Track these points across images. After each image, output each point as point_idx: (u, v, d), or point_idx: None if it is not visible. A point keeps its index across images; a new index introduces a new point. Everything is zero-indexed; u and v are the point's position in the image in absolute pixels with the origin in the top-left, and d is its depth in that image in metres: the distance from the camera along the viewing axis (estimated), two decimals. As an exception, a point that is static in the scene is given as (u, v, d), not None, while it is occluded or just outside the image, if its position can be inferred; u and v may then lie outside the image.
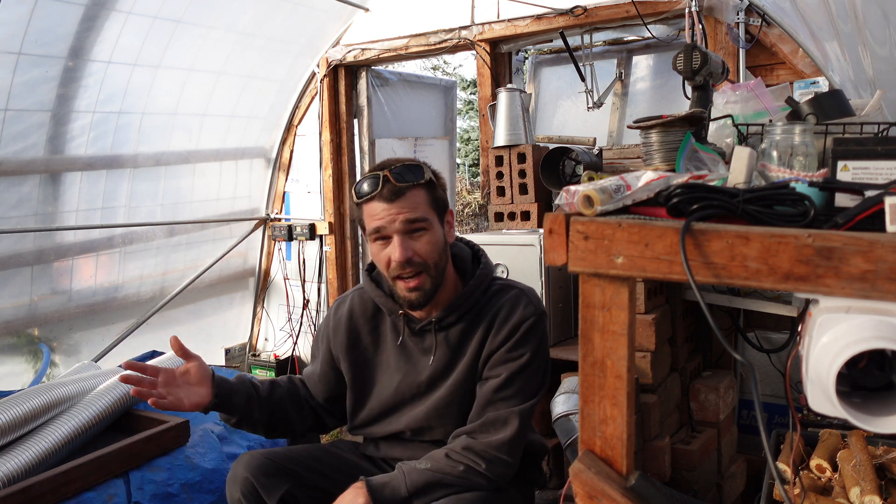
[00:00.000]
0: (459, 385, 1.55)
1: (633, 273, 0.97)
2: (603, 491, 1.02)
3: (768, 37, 2.62)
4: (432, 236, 1.49)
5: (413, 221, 1.46)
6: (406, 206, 1.46)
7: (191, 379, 1.52)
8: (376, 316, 1.65)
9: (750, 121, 1.83)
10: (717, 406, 2.24)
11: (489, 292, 1.58)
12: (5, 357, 2.97)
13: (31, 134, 2.85)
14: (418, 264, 1.47)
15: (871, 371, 0.90)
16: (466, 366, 1.54)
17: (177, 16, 3.06)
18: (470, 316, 1.56)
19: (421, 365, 1.59)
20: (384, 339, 1.64)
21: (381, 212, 1.46)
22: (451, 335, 1.56)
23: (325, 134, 3.91)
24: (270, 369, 4.03)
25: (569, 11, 3.01)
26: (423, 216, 1.48)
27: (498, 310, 1.54)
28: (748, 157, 1.13)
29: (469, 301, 1.55)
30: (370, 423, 1.66)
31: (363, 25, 3.70)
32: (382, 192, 1.46)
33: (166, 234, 3.60)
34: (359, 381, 1.66)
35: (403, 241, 1.46)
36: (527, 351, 1.50)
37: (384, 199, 1.46)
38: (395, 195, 1.45)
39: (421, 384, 1.58)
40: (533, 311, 1.53)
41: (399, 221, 1.45)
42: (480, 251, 1.67)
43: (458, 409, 1.55)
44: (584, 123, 3.38)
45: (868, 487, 1.41)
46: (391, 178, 1.46)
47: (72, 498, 1.83)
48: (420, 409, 1.58)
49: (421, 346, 1.59)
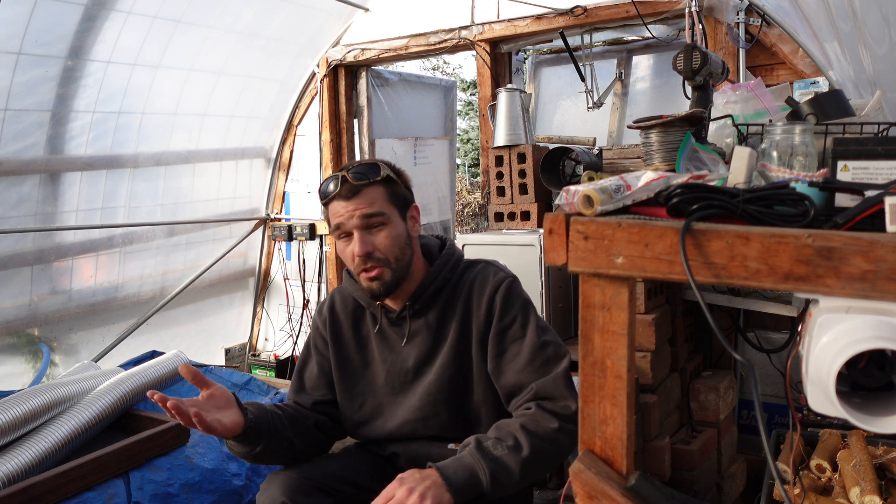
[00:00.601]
0: (448, 367, 1.56)
1: (633, 273, 0.97)
2: (603, 491, 1.02)
3: (768, 37, 2.62)
4: (391, 230, 1.54)
5: (370, 216, 1.51)
6: (363, 202, 1.52)
7: (218, 402, 1.46)
8: (357, 312, 1.68)
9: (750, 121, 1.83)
10: (717, 406, 2.24)
11: (457, 271, 1.63)
12: (5, 357, 2.97)
13: (31, 134, 2.85)
14: (378, 259, 1.52)
15: (871, 371, 0.90)
16: (452, 347, 1.56)
17: (177, 16, 3.06)
18: (444, 296, 1.60)
19: (405, 353, 1.61)
20: (367, 333, 1.67)
21: (341, 209, 1.53)
22: (429, 319, 1.60)
23: (325, 134, 3.91)
24: (270, 369, 4.03)
25: (569, 11, 3.01)
26: (380, 211, 1.53)
27: (471, 285, 1.59)
28: (748, 157, 1.13)
29: (437, 281, 1.59)
30: (368, 422, 1.65)
31: (363, 25, 3.70)
32: (341, 191, 1.52)
33: (166, 234, 3.60)
34: (346, 377, 1.66)
35: (363, 236, 1.51)
36: (516, 313, 1.54)
37: (343, 198, 1.52)
38: (353, 193, 1.52)
39: (408, 371, 1.60)
40: (503, 277, 1.58)
41: (356, 217, 1.51)
42: (447, 240, 1.72)
43: (449, 392, 1.57)
44: (584, 123, 3.38)
45: (868, 487, 1.41)
46: (349, 177, 1.52)
47: (72, 498, 1.83)
48: (413, 398, 1.59)
49: (400, 333, 1.62)
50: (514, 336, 1.52)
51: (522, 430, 1.40)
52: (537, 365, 1.48)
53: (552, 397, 1.45)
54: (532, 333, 1.51)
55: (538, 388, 1.46)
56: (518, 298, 1.56)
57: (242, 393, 2.75)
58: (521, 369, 1.49)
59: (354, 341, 1.67)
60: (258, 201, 4.12)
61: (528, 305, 1.57)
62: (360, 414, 1.66)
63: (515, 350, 1.52)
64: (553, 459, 1.45)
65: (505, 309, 1.54)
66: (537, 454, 1.39)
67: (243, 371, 3.96)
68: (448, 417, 1.57)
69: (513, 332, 1.53)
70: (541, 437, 1.40)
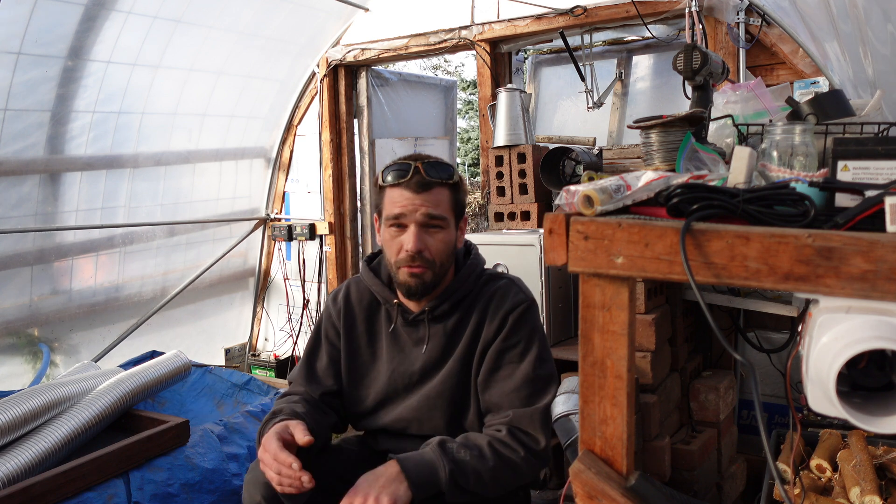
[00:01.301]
0: (452, 376, 1.56)
1: (633, 273, 0.97)
2: (603, 491, 1.02)
3: (768, 37, 2.62)
4: (447, 236, 1.52)
5: (433, 217, 1.49)
6: (430, 200, 1.49)
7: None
8: (372, 305, 1.67)
9: (750, 121, 1.83)
10: (717, 406, 2.24)
11: (480, 281, 1.61)
12: (5, 357, 2.97)
13: (31, 134, 2.85)
14: (426, 260, 1.50)
15: (871, 371, 0.90)
16: (460, 357, 1.56)
17: (177, 16, 3.06)
18: (464, 306, 1.58)
19: (414, 355, 1.60)
20: (379, 328, 1.66)
21: (405, 200, 1.48)
22: (446, 326, 1.58)
23: (325, 134, 3.91)
24: (270, 369, 4.03)
25: (569, 11, 3.01)
26: (444, 215, 1.51)
27: (490, 299, 1.57)
28: (748, 157, 1.13)
29: (461, 290, 1.58)
30: (367, 415, 1.66)
31: (363, 25, 3.70)
32: (411, 181, 1.48)
33: (166, 234, 3.60)
34: (354, 370, 1.66)
35: (419, 233, 1.49)
36: (522, 338, 1.52)
37: (410, 189, 1.49)
38: (422, 187, 1.48)
39: (414, 374, 1.59)
40: (523, 299, 1.56)
41: (420, 213, 1.48)
42: (472, 245, 1.70)
43: (449, 400, 1.56)
44: (584, 123, 3.38)
45: (868, 487, 1.41)
46: (422, 169, 1.49)
47: (72, 498, 1.83)
48: (412, 399, 1.59)
49: (415, 336, 1.61)
50: (512, 359, 1.52)
51: (489, 446, 1.43)
52: (523, 394, 1.49)
53: (525, 430, 1.46)
54: (529, 363, 1.51)
55: (514, 417, 1.47)
56: (528, 324, 1.54)
57: (242, 393, 2.76)
58: (506, 393, 1.50)
59: (366, 335, 1.66)
60: (258, 201, 4.12)
61: (536, 333, 1.55)
62: (363, 406, 1.66)
63: (508, 372, 1.51)
64: (508, 483, 1.46)
65: (513, 330, 1.53)
66: (496, 472, 1.41)
67: (243, 371, 3.96)
68: (443, 423, 1.57)
69: (512, 354, 1.52)
70: (503, 458, 1.42)
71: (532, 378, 1.50)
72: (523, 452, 1.44)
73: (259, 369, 4.08)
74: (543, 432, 1.47)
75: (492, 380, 1.53)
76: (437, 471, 1.37)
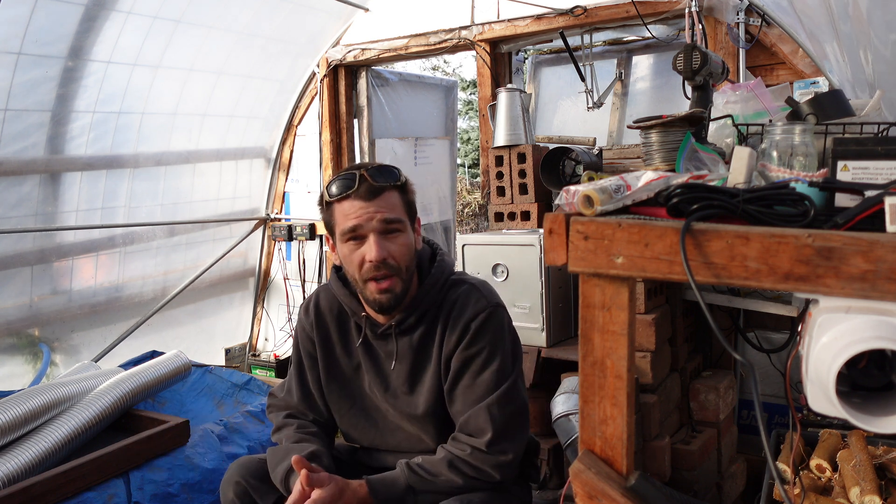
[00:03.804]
0: (432, 393, 1.52)
1: (633, 273, 0.97)
2: (603, 491, 1.02)
3: (768, 37, 2.62)
4: (406, 239, 1.48)
5: (390, 221, 1.44)
6: (383, 205, 1.44)
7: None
8: (342, 314, 1.62)
9: (750, 121, 1.83)
10: (717, 406, 2.24)
11: (444, 289, 1.55)
12: (5, 357, 2.97)
13: (31, 134, 2.85)
14: (392, 267, 1.45)
15: (871, 371, 0.90)
16: (434, 372, 1.52)
17: (177, 16, 3.06)
18: (429, 317, 1.53)
19: (386, 371, 1.57)
20: (351, 339, 1.61)
21: (358, 210, 1.43)
22: (413, 339, 1.53)
23: (325, 134, 3.91)
24: (270, 369, 4.03)
25: (569, 11, 3.01)
26: (399, 217, 1.46)
27: (451, 308, 1.51)
28: (748, 157, 1.13)
29: (426, 301, 1.52)
30: (355, 427, 1.64)
31: (363, 25, 3.70)
32: (359, 190, 1.43)
33: (166, 234, 3.60)
34: (335, 380, 1.63)
35: (380, 240, 1.43)
36: (485, 346, 1.47)
37: (361, 198, 1.43)
38: (373, 194, 1.43)
39: (394, 391, 1.56)
40: (484, 306, 1.50)
41: (376, 220, 1.43)
42: (438, 248, 1.63)
43: (434, 415, 1.53)
44: (584, 123, 3.38)
45: (868, 487, 1.41)
46: (367, 176, 1.44)
47: (72, 498, 1.83)
48: (395, 419, 1.57)
49: (385, 349, 1.57)
50: (474, 368, 1.48)
51: (450, 467, 1.44)
52: (489, 404, 1.45)
53: (492, 445, 1.43)
54: (492, 372, 1.46)
55: (478, 432, 1.45)
56: (490, 332, 1.48)
57: (242, 393, 2.76)
58: (470, 403, 1.47)
59: (341, 345, 1.62)
60: (258, 201, 4.13)
61: (500, 341, 1.49)
62: (348, 416, 1.63)
63: (469, 382, 1.48)
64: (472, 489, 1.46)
65: (474, 339, 1.47)
66: (462, 489, 1.44)
67: (243, 371, 3.96)
68: (435, 435, 1.55)
69: (475, 364, 1.47)
70: (467, 479, 1.43)
71: (496, 385, 1.46)
72: (488, 468, 1.43)
73: (259, 369, 4.08)
74: (512, 443, 1.45)
75: (456, 391, 1.49)
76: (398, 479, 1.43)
